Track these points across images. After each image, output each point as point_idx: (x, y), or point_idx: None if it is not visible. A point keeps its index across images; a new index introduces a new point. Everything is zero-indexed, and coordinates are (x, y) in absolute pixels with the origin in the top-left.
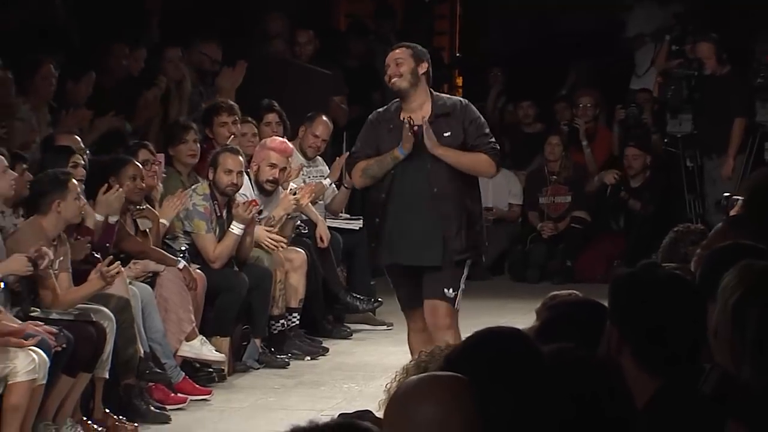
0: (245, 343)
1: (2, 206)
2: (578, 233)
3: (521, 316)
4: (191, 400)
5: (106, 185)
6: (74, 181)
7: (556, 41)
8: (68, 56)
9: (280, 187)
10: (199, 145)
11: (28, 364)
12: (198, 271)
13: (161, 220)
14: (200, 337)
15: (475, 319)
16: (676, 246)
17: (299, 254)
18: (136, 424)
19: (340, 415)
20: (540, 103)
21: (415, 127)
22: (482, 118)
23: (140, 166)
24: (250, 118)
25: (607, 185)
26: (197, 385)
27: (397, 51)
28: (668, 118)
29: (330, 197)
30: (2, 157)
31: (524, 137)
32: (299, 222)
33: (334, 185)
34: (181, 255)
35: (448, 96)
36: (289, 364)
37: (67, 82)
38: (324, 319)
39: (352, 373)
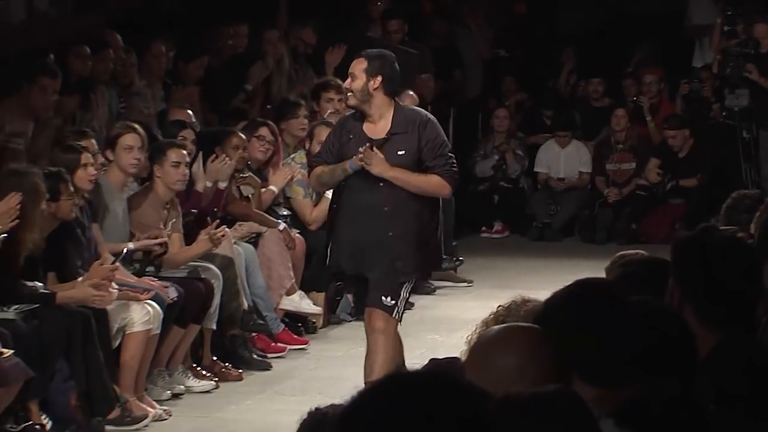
0: (338, 298)
1: (128, 178)
2: (643, 199)
3: (591, 275)
4: (290, 349)
5: (214, 155)
6: (174, 149)
7: (623, 22)
8: (181, 37)
9: None
10: (307, 120)
11: (143, 316)
12: (297, 234)
13: (271, 188)
14: (299, 292)
15: (550, 276)
16: (733, 210)
17: None
18: (240, 371)
19: (431, 360)
20: (608, 80)
21: (370, 145)
22: (441, 136)
23: (243, 137)
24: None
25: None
26: (295, 336)
27: (354, 62)
28: (726, 93)
29: None
30: (138, 136)
31: (593, 111)
32: None
33: None
34: (284, 219)
35: (412, 109)
36: None
37: (178, 62)
38: None
39: (435, 325)
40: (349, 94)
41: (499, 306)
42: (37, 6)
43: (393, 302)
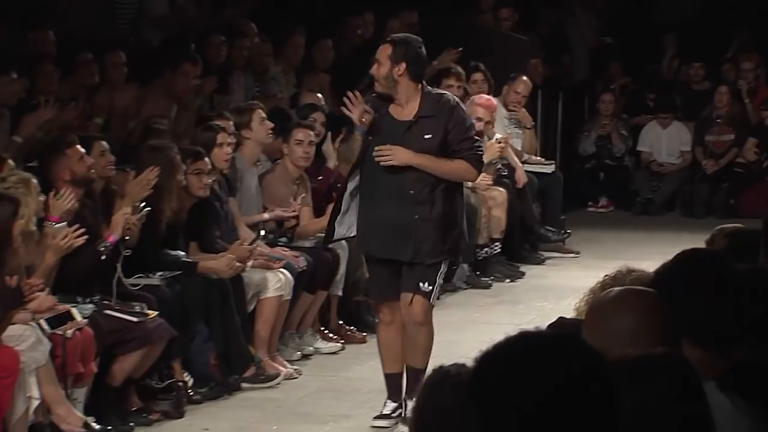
0: (455, 268)
1: (260, 155)
2: (740, 175)
3: (691, 247)
4: None
5: (341, 135)
6: (300, 129)
7: (722, 9)
8: (312, 26)
9: (485, 137)
10: None
11: (276, 283)
12: None
13: None
14: None
15: (652, 248)
16: None
17: (501, 193)
18: (364, 334)
19: (559, 318)
20: (708, 64)
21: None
22: (468, 120)
23: None
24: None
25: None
26: None
27: (381, 48)
28: None
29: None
30: (260, 110)
31: (693, 94)
32: (500, 166)
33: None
34: None
35: (440, 93)
36: (491, 285)
37: (311, 49)
38: (521, 247)
39: (544, 293)
40: (375, 81)
41: (606, 275)
42: (178, 2)
43: (430, 288)
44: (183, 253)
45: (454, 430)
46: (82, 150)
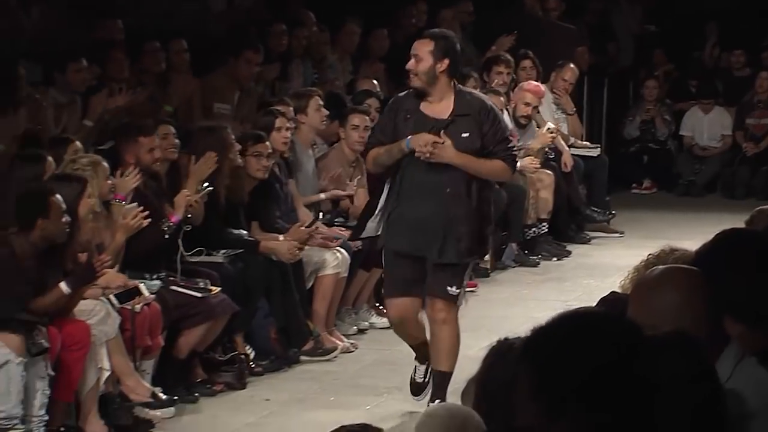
0: (504, 246)
1: (316, 138)
2: None
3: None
4: None
5: None
6: (355, 114)
7: None
8: (368, 16)
9: (533, 121)
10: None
11: (333, 260)
12: None
13: None
14: None
15: (694, 228)
16: None
17: (548, 176)
18: None
19: (611, 293)
20: (748, 52)
21: (436, 131)
22: (503, 121)
23: None
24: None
25: None
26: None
27: (421, 43)
28: None
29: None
30: (317, 97)
31: (734, 80)
32: (547, 149)
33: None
34: None
35: (472, 93)
36: (539, 264)
37: (367, 38)
38: (568, 227)
39: (590, 271)
40: (411, 76)
41: (650, 254)
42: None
43: (457, 291)
44: (245, 232)
45: None
46: (156, 142)
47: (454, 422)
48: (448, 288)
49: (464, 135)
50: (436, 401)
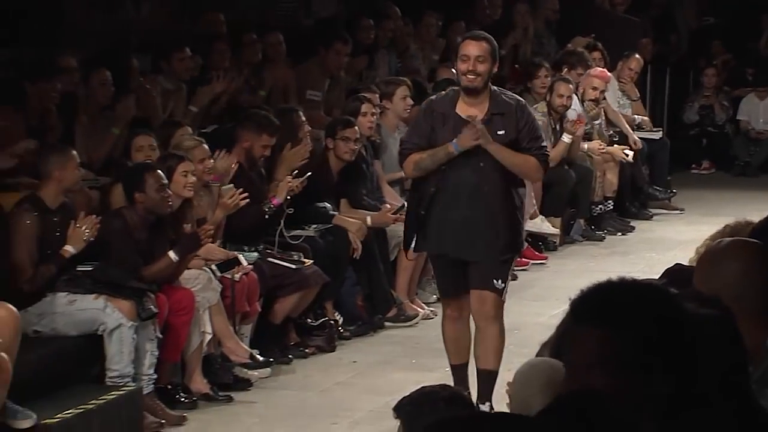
0: (572, 222)
1: (400, 123)
2: None
3: None
4: (532, 263)
5: None
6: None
7: None
8: (448, 8)
9: (600, 104)
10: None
11: None
12: None
13: None
14: (540, 216)
15: (750, 206)
16: None
17: (613, 156)
18: None
19: (676, 264)
20: None
21: (478, 126)
22: (536, 120)
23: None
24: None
25: None
26: (537, 252)
27: (480, 45)
28: None
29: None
30: (405, 87)
31: None
32: (611, 132)
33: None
34: None
35: (505, 92)
36: (605, 238)
37: (446, 29)
38: (631, 205)
39: (652, 245)
40: (472, 77)
41: (726, 225)
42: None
43: (503, 285)
44: (329, 206)
45: None
46: (270, 141)
47: (556, 376)
48: (494, 281)
49: (500, 132)
50: (486, 403)
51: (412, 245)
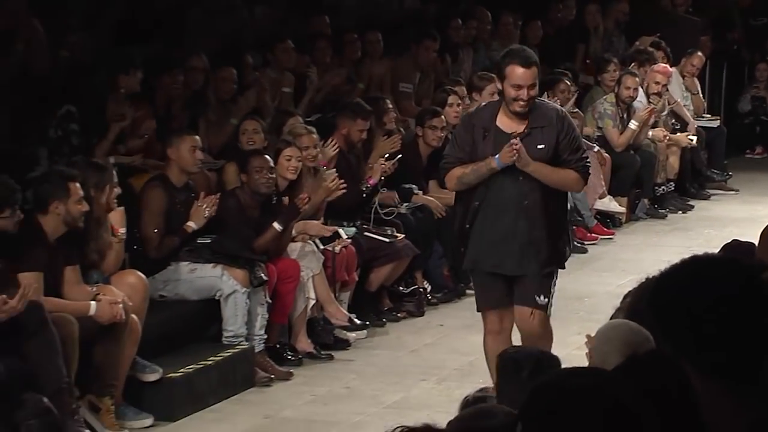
0: (637, 202)
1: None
2: None
3: None
4: (600, 238)
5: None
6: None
7: None
8: (523, 9)
9: (664, 97)
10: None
11: None
12: (606, 154)
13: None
14: (608, 196)
15: None
16: None
17: (675, 143)
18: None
19: (733, 240)
20: None
21: (517, 144)
22: (576, 130)
23: (568, 83)
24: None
25: None
26: (605, 228)
27: (532, 72)
28: None
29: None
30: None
31: None
32: (673, 120)
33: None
34: (595, 143)
35: (545, 103)
36: (666, 216)
37: (525, 28)
38: (691, 186)
39: (710, 222)
40: (523, 103)
41: None
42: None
43: (546, 300)
44: (415, 186)
45: None
46: (364, 125)
47: (636, 338)
48: (537, 297)
49: (540, 147)
50: None
51: (463, 264)
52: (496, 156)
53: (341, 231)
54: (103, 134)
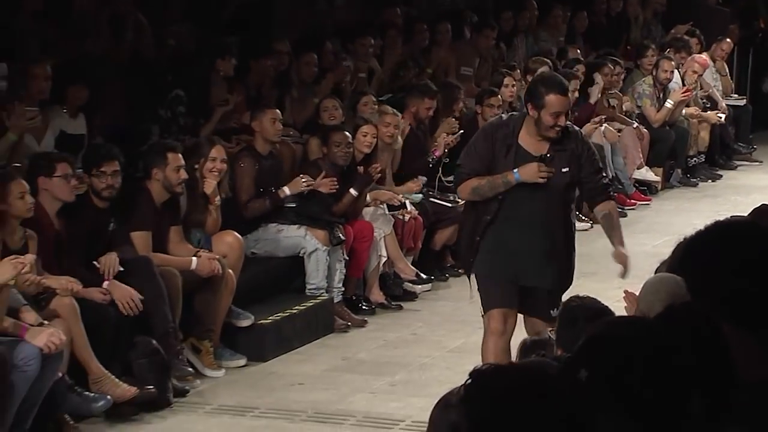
0: (671, 171)
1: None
2: None
3: None
4: (639, 204)
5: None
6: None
7: None
8: (571, 1)
9: (699, 84)
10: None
11: None
12: (644, 130)
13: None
14: (645, 167)
15: None
16: None
17: (706, 119)
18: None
19: (762, 204)
20: None
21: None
22: (593, 149)
23: (611, 67)
24: None
25: None
26: (642, 195)
27: (568, 100)
28: None
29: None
30: (547, 67)
31: None
32: (704, 99)
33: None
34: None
35: (568, 125)
36: (698, 184)
37: (573, 19)
38: (720, 157)
39: (736, 190)
40: (559, 129)
41: None
42: None
43: (557, 311)
44: None
45: None
46: (431, 104)
47: (680, 291)
48: (551, 311)
49: (564, 170)
50: None
51: (471, 272)
52: (516, 171)
53: (407, 202)
54: (207, 116)
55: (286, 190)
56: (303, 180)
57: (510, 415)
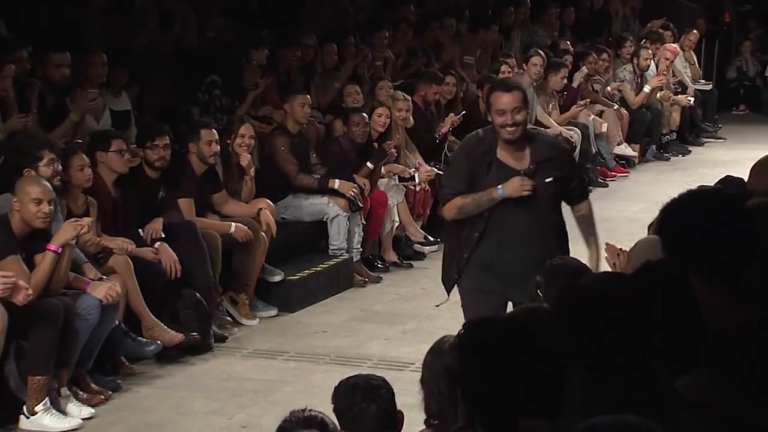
0: (647, 147)
1: (533, 83)
2: None
3: None
4: (618, 176)
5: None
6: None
7: None
8: None
9: (670, 70)
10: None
11: None
12: (624, 111)
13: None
14: (624, 143)
15: None
16: None
17: (677, 101)
18: (590, 188)
19: (726, 176)
20: None
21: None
22: (570, 150)
23: (609, 52)
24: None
25: None
26: (622, 168)
27: (514, 96)
28: None
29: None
30: (539, 57)
31: None
32: (675, 84)
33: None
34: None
35: (541, 133)
36: (670, 159)
37: (561, 14)
38: (689, 135)
39: (703, 163)
40: (511, 128)
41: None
42: None
43: None
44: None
45: None
46: (438, 89)
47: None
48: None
49: (548, 180)
50: None
51: (451, 289)
52: (499, 187)
53: (416, 174)
54: (241, 99)
55: (336, 184)
56: (353, 188)
57: (496, 360)
